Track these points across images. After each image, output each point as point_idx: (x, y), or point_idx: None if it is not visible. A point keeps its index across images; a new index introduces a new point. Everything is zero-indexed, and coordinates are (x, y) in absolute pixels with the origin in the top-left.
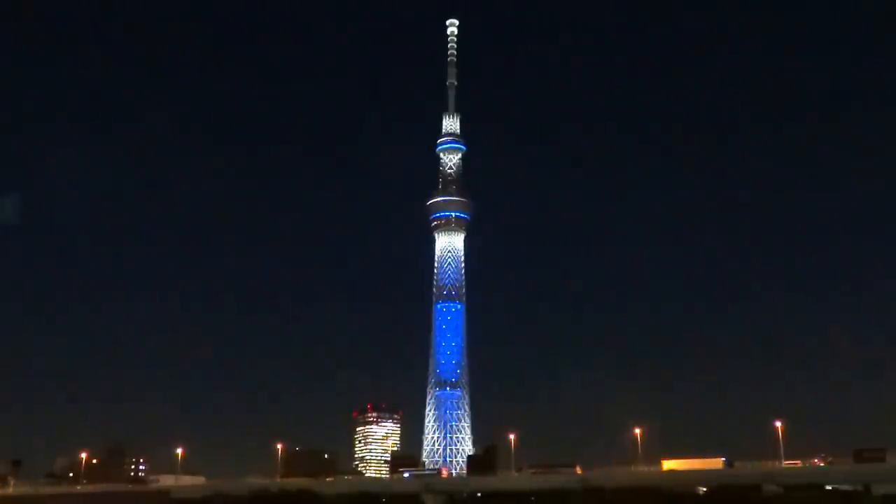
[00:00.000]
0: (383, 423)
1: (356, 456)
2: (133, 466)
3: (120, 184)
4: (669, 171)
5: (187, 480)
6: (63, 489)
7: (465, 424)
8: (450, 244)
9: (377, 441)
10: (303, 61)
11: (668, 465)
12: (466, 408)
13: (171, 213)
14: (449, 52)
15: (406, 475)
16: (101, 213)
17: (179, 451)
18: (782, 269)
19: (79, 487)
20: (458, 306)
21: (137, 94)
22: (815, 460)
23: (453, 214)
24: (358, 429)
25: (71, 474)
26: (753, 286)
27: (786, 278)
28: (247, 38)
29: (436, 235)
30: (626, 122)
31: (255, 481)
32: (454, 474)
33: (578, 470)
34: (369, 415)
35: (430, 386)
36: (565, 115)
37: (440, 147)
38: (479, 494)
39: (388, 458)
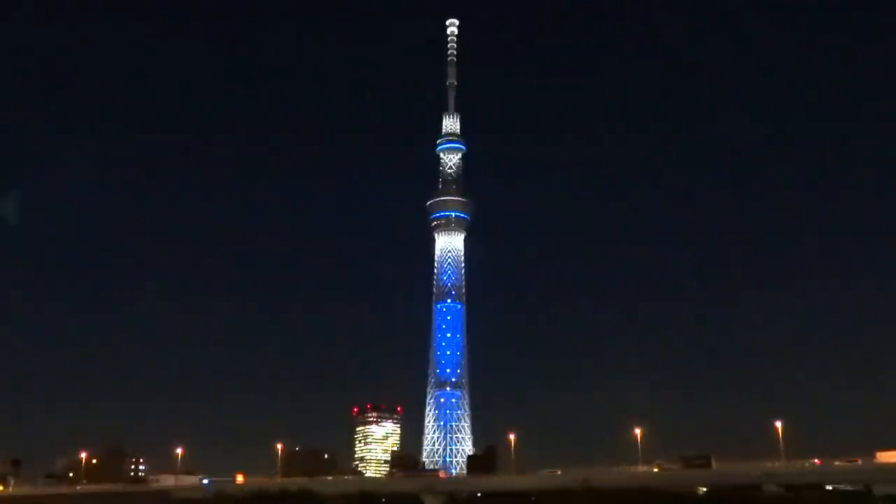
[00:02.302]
0: (383, 423)
1: (356, 456)
2: (133, 466)
3: (120, 184)
4: (670, 172)
5: (187, 480)
6: (63, 489)
7: (465, 424)
8: (450, 244)
9: (377, 441)
10: (302, 61)
11: (882, 456)
12: (466, 408)
13: (171, 214)
14: (449, 52)
15: (205, 482)
16: (101, 213)
17: (179, 451)
18: (783, 270)
19: (79, 487)
20: (458, 306)
21: (137, 96)
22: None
23: (453, 214)
24: (358, 429)
25: (71, 474)
26: (755, 287)
27: (787, 278)
28: (246, 38)
29: (436, 235)
30: (627, 121)
31: (255, 481)
32: (454, 474)
33: (441, 474)
34: (369, 415)
35: (430, 386)
36: (566, 114)
37: (440, 147)
38: (479, 494)
39: (389, 458)
